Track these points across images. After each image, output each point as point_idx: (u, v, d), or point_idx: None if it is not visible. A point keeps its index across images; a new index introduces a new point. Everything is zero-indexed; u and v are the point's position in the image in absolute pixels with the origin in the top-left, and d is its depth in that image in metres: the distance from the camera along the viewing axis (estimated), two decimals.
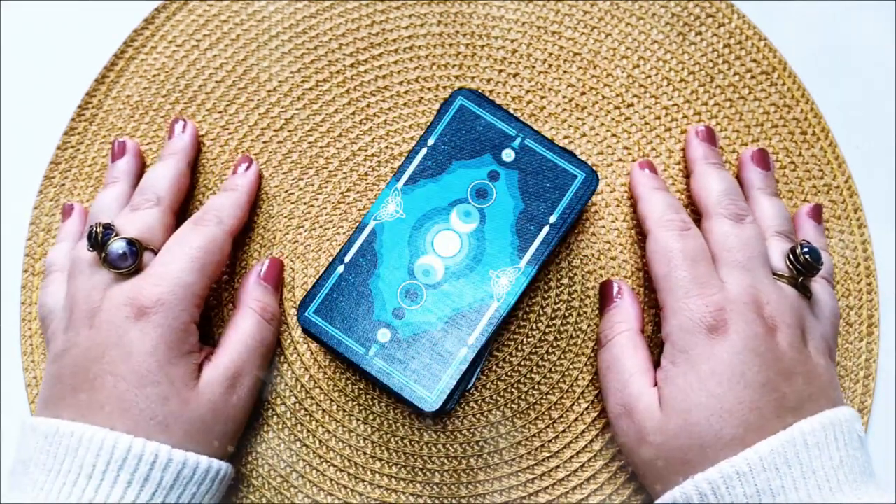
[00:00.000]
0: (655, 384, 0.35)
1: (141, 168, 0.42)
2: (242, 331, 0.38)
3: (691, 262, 0.35)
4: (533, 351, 0.41)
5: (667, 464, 0.33)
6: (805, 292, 0.36)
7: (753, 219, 0.38)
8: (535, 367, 0.41)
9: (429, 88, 0.44)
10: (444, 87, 0.44)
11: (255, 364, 0.38)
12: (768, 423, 0.32)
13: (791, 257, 0.36)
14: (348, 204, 0.43)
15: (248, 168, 0.42)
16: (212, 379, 0.36)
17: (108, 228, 0.36)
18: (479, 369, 0.40)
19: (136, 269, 0.36)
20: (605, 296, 0.40)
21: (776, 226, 0.39)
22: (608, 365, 0.37)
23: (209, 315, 0.41)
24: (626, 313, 0.39)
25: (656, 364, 0.37)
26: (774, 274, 0.36)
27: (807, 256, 0.36)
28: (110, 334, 0.34)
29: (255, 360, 0.38)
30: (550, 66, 0.44)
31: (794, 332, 0.34)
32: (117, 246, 0.36)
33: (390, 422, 0.40)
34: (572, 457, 0.40)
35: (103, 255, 0.36)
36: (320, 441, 0.40)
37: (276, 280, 0.41)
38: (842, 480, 0.32)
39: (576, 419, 0.40)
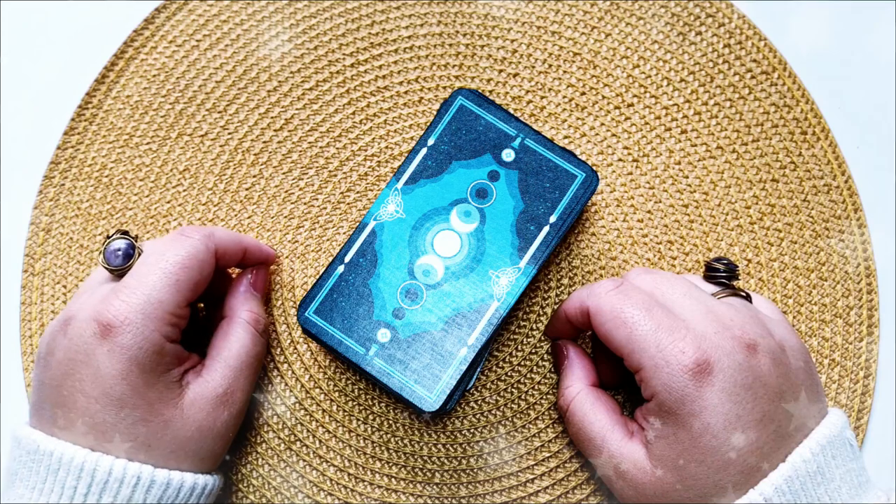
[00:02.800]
0: (632, 432, 0.34)
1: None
2: (237, 346, 0.36)
3: (646, 311, 0.33)
4: (533, 351, 0.41)
5: None
6: (745, 297, 0.36)
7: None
8: (535, 367, 0.41)
9: (429, 88, 0.44)
10: (444, 87, 0.44)
11: (248, 380, 0.36)
12: (768, 458, 0.32)
13: (711, 273, 0.36)
14: (348, 204, 0.43)
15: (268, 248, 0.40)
16: (199, 398, 0.34)
17: (124, 234, 0.35)
18: (479, 369, 0.40)
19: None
20: (556, 360, 0.40)
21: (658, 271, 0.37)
22: (576, 435, 0.36)
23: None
24: (574, 374, 0.37)
25: (633, 394, 0.36)
26: (714, 296, 0.35)
27: (723, 263, 0.36)
28: (79, 350, 0.32)
29: (249, 375, 0.36)
30: (550, 66, 0.44)
31: (769, 340, 0.33)
32: (117, 243, 0.35)
33: (390, 422, 0.40)
34: (572, 457, 0.40)
35: (102, 249, 0.35)
36: (320, 441, 0.40)
37: (265, 289, 0.40)
38: (844, 497, 0.32)
39: None
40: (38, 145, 0.44)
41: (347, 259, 0.37)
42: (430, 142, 0.38)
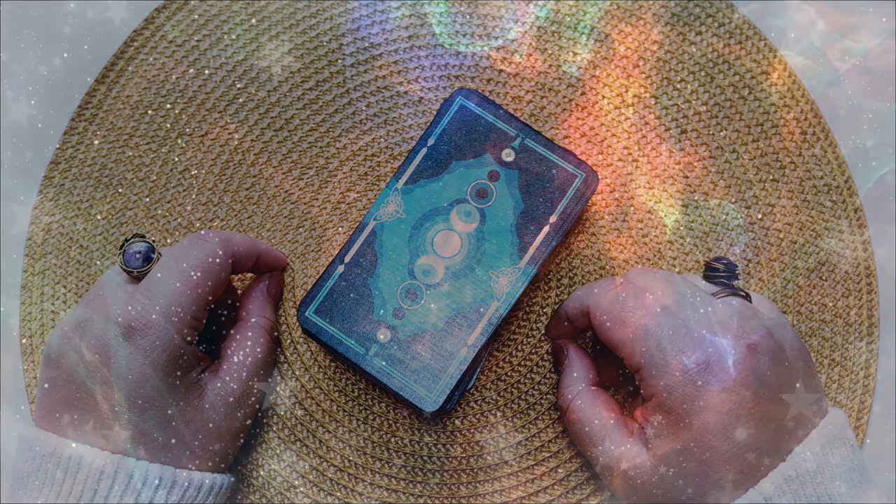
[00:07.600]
0: (632, 431, 0.34)
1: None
2: (253, 350, 0.37)
3: (646, 311, 0.33)
4: (533, 351, 0.41)
5: None
6: (745, 297, 0.35)
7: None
8: (535, 367, 0.41)
9: (429, 88, 0.44)
10: (444, 88, 0.44)
11: (262, 381, 0.37)
12: (768, 457, 0.32)
13: (710, 273, 0.36)
14: (348, 204, 0.43)
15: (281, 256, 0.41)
16: (219, 399, 0.35)
17: (141, 237, 0.35)
18: (479, 369, 0.40)
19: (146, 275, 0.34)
20: (557, 360, 0.40)
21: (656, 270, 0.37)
22: (576, 434, 0.36)
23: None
24: (574, 374, 0.37)
25: (633, 391, 0.36)
26: (713, 295, 0.35)
27: (722, 263, 0.36)
28: (99, 352, 0.32)
29: (263, 377, 0.38)
30: (550, 66, 0.44)
31: (769, 340, 0.33)
32: (137, 245, 0.35)
33: (390, 422, 0.40)
34: (572, 457, 0.40)
35: (121, 251, 0.35)
36: (320, 441, 0.40)
37: (279, 296, 0.41)
38: (843, 496, 0.32)
39: None
40: (38, 145, 0.44)
41: (347, 259, 0.37)
42: (430, 142, 0.38)
